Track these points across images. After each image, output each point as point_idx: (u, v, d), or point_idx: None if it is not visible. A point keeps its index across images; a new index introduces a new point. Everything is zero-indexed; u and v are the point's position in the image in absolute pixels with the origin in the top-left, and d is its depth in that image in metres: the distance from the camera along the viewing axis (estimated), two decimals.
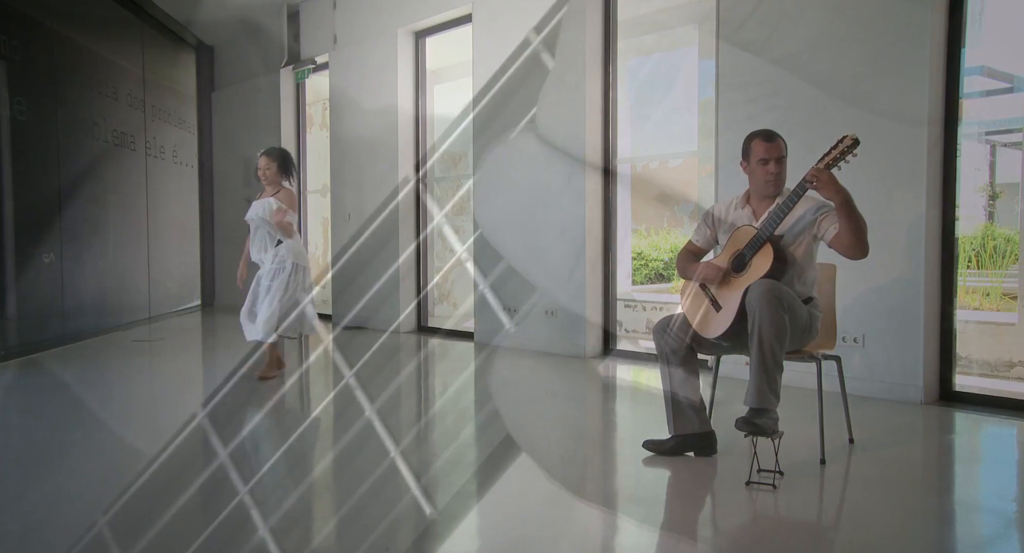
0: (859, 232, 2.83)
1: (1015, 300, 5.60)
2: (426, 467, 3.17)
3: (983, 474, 3.14)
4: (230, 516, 2.61)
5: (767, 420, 2.78)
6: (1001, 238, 6.48)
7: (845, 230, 2.83)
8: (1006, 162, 7.43)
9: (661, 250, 9.35)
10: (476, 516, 2.65)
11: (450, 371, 5.75)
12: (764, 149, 3.02)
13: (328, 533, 2.51)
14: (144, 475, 3.04)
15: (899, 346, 4.06)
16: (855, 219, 2.82)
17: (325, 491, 2.96)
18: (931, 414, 3.84)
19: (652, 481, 2.95)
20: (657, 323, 3.17)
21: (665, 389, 3.11)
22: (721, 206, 3.26)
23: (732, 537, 2.42)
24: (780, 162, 3.02)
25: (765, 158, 3.01)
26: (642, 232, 10.06)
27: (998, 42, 5.63)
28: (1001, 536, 2.44)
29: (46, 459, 3.27)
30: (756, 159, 3.03)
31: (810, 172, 2.84)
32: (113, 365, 5.80)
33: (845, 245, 2.86)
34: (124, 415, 4.17)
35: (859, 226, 2.83)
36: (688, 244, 3.31)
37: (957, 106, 4.00)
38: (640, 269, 8.96)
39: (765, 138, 3.04)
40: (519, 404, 4.37)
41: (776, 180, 3.03)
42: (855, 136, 2.85)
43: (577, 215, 5.69)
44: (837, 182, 2.80)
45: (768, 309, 2.76)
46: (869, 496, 2.69)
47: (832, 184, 2.79)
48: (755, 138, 3.06)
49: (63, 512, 2.60)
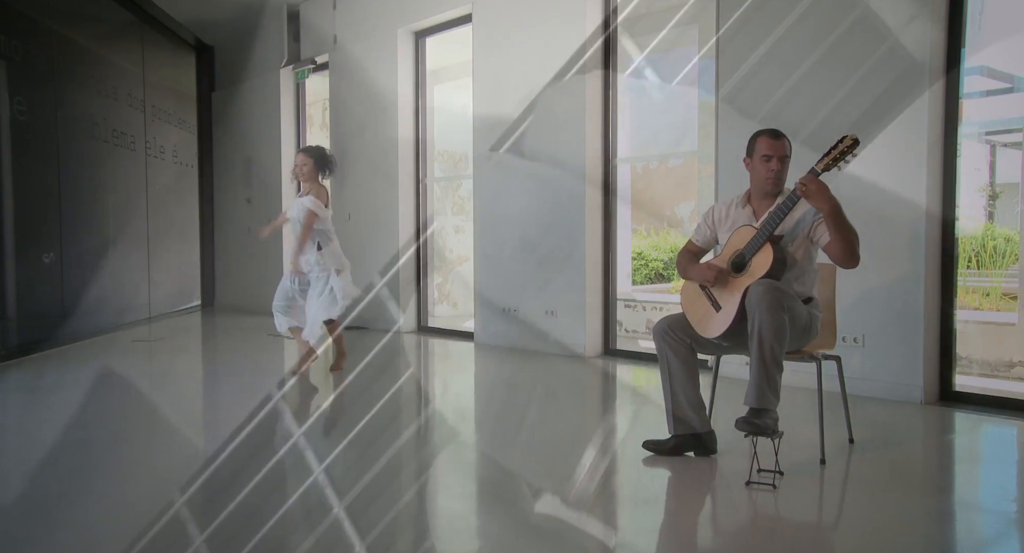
0: (848, 243, 2.83)
1: (1015, 300, 5.60)
2: (426, 467, 3.17)
3: (983, 474, 3.14)
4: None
5: (767, 420, 2.78)
6: (1001, 238, 6.48)
7: (835, 240, 2.84)
8: (1006, 162, 7.44)
9: (661, 250, 9.35)
10: (476, 516, 2.65)
11: (450, 371, 5.76)
12: (769, 145, 3.02)
13: (328, 533, 2.51)
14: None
15: (899, 346, 4.06)
16: (844, 230, 2.82)
17: (326, 490, 2.95)
18: (931, 414, 3.84)
19: (652, 481, 2.95)
20: (657, 323, 3.17)
21: (665, 389, 3.11)
22: (721, 206, 3.26)
23: (732, 537, 2.42)
24: (783, 161, 3.02)
25: (768, 154, 3.02)
26: (642, 232, 10.06)
27: (998, 42, 5.63)
28: (1001, 536, 2.44)
29: (46, 459, 3.26)
30: (760, 154, 3.03)
31: (799, 181, 2.84)
32: (113, 365, 5.80)
33: (835, 254, 2.88)
34: (124, 415, 4.17)
35: (848, 238, 2.83)
36: (688, 244, 3.31)
37: (957, 106, 4.00)
38: (640, 269, 8.96)
39: (771, 135, 3.04)
40: (519, 404, 4.37)
41: (776, 178, 3.03)
42: (855, 136, 2.85)
43: (577, 215, 5.69)
44: (826, 191, 2.79)
45: (768, 309, 2.76)
46: (869, 496, 2.69)
47: (821, 194, 2.79)
48: (761, 134, 3.06)
49: (63, 512, 2.60)
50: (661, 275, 9.15)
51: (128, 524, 2.51)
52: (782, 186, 3.06)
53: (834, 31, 4.25)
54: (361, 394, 4.62)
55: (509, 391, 4.76)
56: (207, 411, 4.40)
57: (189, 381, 5.25)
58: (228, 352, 5.34)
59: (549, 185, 5.88)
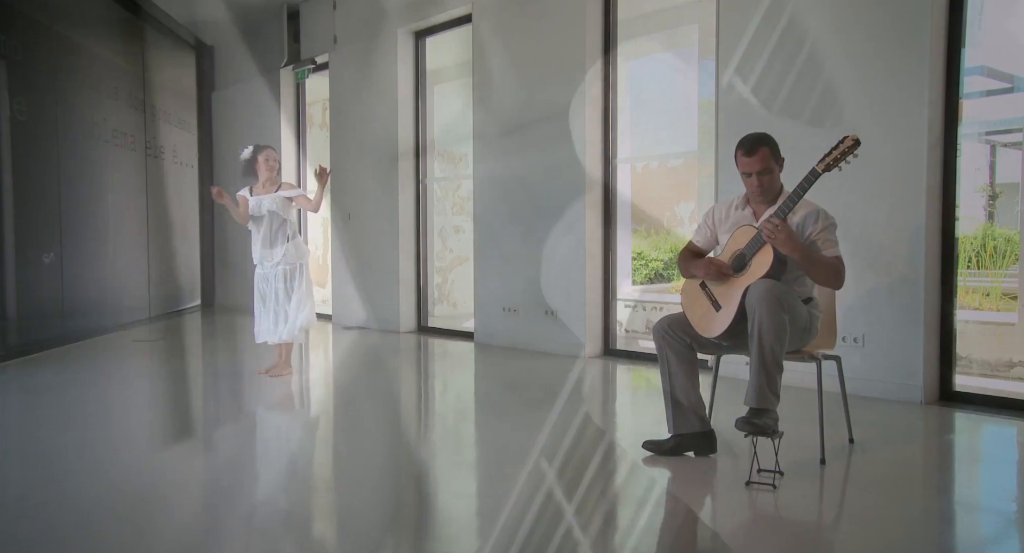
0: (825, 277, 2.91)
1: (1015, 300, 5.60)
2: (426, 467, 3.17)
3: (983, 474, 3.14)
4: (237, 516, 2.62)
5: (767, 420, 2.78)
6: (1001, 238, 6.47)
7: (811, 275, 2.92)
8: (1006, 162, 7.43)
9: (661, 250, 9.35)
10: (475, 516, 2.65)
11: (450, 371, 5.76)
12: (744, 163, 3.02)
13: (328, 533, 2.51)
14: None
15: (899, 346, 4.06)
16: (816, 267, 2.88)
17: (326, 491, 2.96)
18: (931, 414, 3.84)
19: (652, 481, 2.95)
20: (657, 322, 3.16)
21: (665, 389, 3.11)
22: (721, 206, 3.26)
23: (732, 537, 2.42)
24: (763, 174, 3.00)
25: (747, 172, 3.02)
26: (642, 232, 10.06)
27: (998, 42, 5.63)
28: (1001, 536, 2.44)
29: (46, 459, 3.26)
30: (740, 171, 3.04)
31: (764, 226, 2.83)
32: (113, 365, 5.80)
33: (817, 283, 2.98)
34: (124, 415, 4.17)
35: (822, 272, 2.89)
36: (689, 244, 3.31)
37: (957, 106, 4.00)
38: (640, 269, 8.95)
39: (745, 152, 3.01)
40: (519, 404, 4.37)
41: (761, 191, 3.03)
42: (856, 137, 2.85)
43: (577, 215, 5.69)
44: (793, 240, 2.80)
45: (768, 309, 2.76)
46: (869, 496, 2.69)
47: (788, 243, 2.80)
48: (738, 148, 3.04)
49: (63, 512, 2.60)
50: (661, 275, 9.14)
51: (128, 524, 2.51)
52: (773, 194, 3.05)
53: (834, 31, 4.25)
54: (360, 394, 4.62)
55: (509, 391, 4.76)
56: (207, 411, 4.40)
57: (189, 381, 5.25)
58: (228, 352, 5.34)
59: (549, 185, 5.88)
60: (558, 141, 5.80)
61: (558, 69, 5.79)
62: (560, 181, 5.79)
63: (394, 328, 7.41)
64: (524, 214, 6.07)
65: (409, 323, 7.44)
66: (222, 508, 2.71)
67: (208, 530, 2.53)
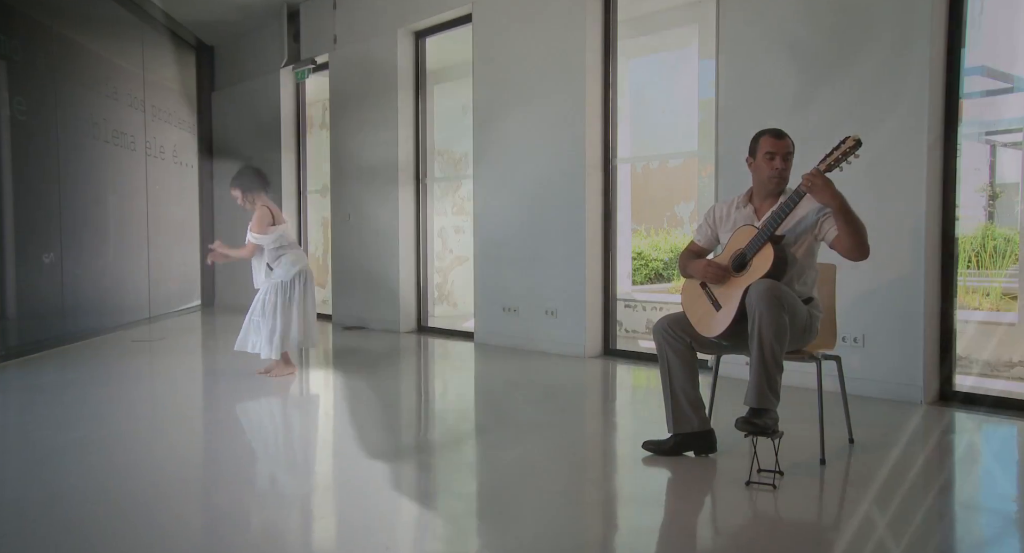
0: (857, 235, 2.85)
1: (1015, 300, 5.60)
2: (426, 467, 3.17)
3: (983, 474, 3.14)
4: (236, 511, 2.62)
5: (767, 420, 2.78)
6: (1001, 238, 6.48)
7: (844, 234, 2.85)
8: (1006, 162, 7.44)
9: (661, 250, 9.35)
10: (475, 516, 2.65)
11: (450, 371, 5.76)
12: (772, 144, 3.03)
13: (329, 532, 2.51)
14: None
15: (899, 346, 4.06)
16: (853, 223, 2.83)
17: (326, 490, 2.96)
18: (931, 414, 3.84)
19: (652, 481, 2.95)
20: (657, 322, 3.17)
21: (665, 388, 3.11)
22: (723, 205, 3.26)
23: (732, 537, 2.42)
24: (786, 158, 3.03)
25: (772, 152, 3.02)
26: (642, 232, 10.06)
27: (998, 42, 5.63)
28: (1001, 536, 2.44)
29: (46, 459, 3.26)
30: (763, 152, 3.04)
31: (805, 177, 2.84)
32: (113, 365, 5.80)
33: (845, 248, 2.89)
34: (124, 416, 4.17)
35: (857, 230, 2.84)
36: (690, 244, 3.31)
37: (957, 106, 4.00)
38: (640, 269, 8.95)
39: (774, 135, 3.06)
40: (519, 404, 4.37)
41: (780, 176, 3.03)
42: (857, 137, 2.85)
43: (577, 215, 5.69)
44: (832, 187, 2.81)
45: (768, 309, 2.76)
46: (869, 496, 2.69)
47: (827, 189, 2.80)
48: (764, 133, 3.08)
49: (63, 512, 2.60)
50: (661, 275, 9.14)
51: (128, 524, 2.51)
52: (785, 184, 3.07)
53: (834, 31, 4.25)
54: (360, 394, 4.62)
55: (509, 391, 4.76)
56: (207, 411, 4.40)
57: (189, 381, 5.25)
58: (228, 352, 5.35)
59: (549, 185, 5.88)
60: (558, 141, 5.80)
61: (558, 69, 5.79)
62: (560, 181, 5.79)
63: (394, 328, 7.41)
64: (524, 214, 6.07)
65: (409, 323, 7.45)
66: (222, 508, 2.71)
67: (208, 530, 2.53)
